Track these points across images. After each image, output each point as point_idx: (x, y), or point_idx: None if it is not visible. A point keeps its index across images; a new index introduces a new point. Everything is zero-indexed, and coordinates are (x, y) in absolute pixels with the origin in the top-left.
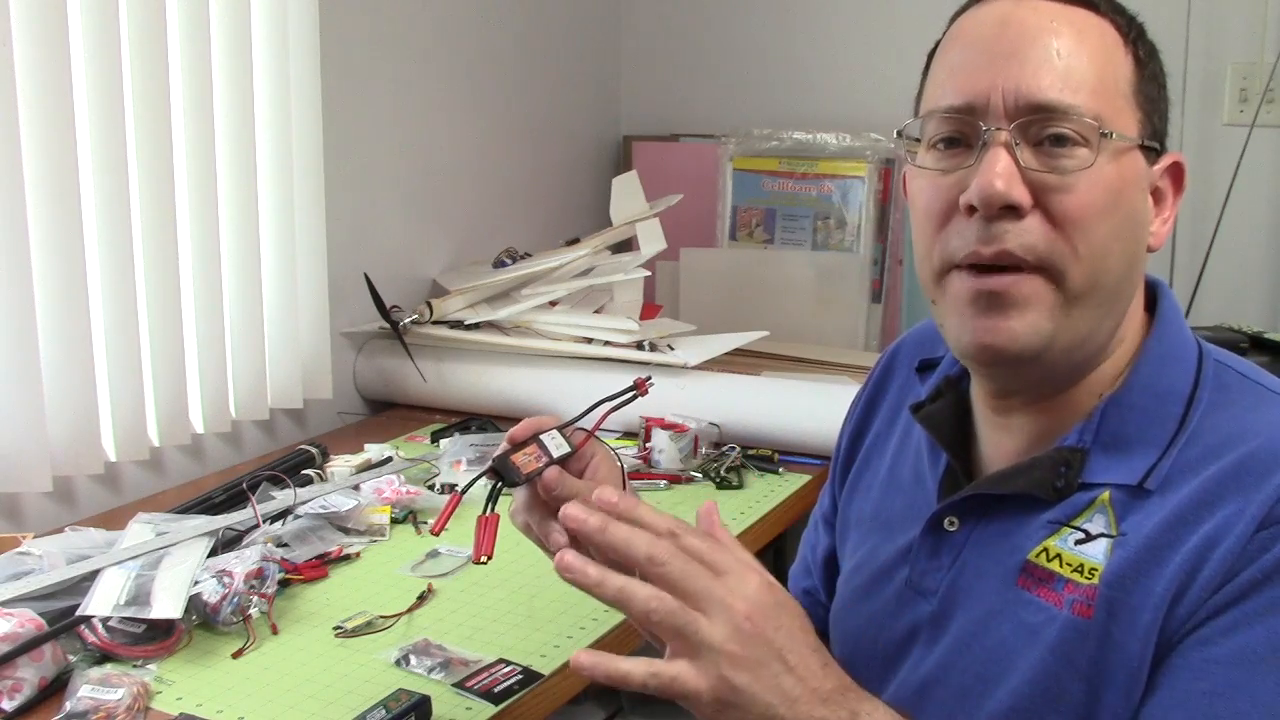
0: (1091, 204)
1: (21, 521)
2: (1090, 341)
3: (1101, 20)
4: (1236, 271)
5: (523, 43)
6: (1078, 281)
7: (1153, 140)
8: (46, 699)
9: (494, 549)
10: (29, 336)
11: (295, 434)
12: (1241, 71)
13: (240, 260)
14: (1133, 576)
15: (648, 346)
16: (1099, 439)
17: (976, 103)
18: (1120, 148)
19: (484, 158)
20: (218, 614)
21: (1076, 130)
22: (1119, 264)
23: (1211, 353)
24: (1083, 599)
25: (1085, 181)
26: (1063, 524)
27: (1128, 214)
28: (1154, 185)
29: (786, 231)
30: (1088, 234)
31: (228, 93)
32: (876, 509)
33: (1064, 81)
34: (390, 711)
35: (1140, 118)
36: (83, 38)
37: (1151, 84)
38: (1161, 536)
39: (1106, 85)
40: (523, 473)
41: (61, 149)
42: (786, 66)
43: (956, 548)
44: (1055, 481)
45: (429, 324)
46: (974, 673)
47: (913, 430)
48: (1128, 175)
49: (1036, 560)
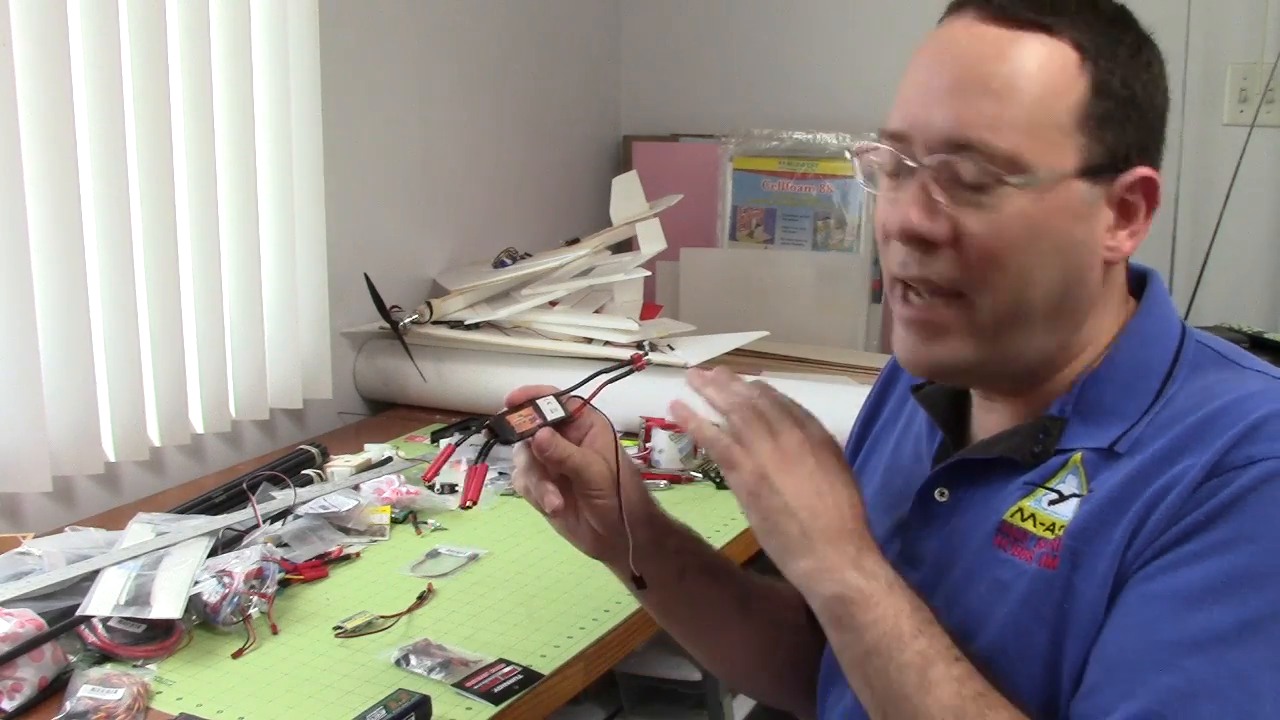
0: (1003, 240)
1: (21, 521)
2: (1029, 356)
3: (1053, 41)
4: (1236, 271)
5: (523, 43)
6: (992, 311)
7: (1105, 160)
8: (46, 699)
9: (479, 496)
10: (29, 336)
11: (295, 434)
12: (1241, 71)
13: (240, 260)
14: (1094, 528)
15: (648, 346)
16: (1077, 408)
17: (905, 132)
18: (1042, 182)
19: (484, 158)
20: (218, 614)
21: (989, 169)
22: (1046, 289)
23: (1193, 334)
24: (1049, 551)
25: (999, 219)
26: (1038, 485)
27: (1054, 244)
28: (1120, 199)
29: (786, 231)
30: (1001, 267)
31: (228, 93)
32: (880, 488)
33: (984, 119)
34: (390, 711)
35: (1084, 144)
36: (83, 38)
37: (1114, 99)
38: (1124, 490)
39: (1037, 120)
40: (517, 431)
41: (61, 149)
42: (786, 66)
43: (947, 517)
44: (1033, 446)
45: (429, 324)
46: (954, 631)
47: (917, 415)
48: (1055, 207)
49: (1011, 520)
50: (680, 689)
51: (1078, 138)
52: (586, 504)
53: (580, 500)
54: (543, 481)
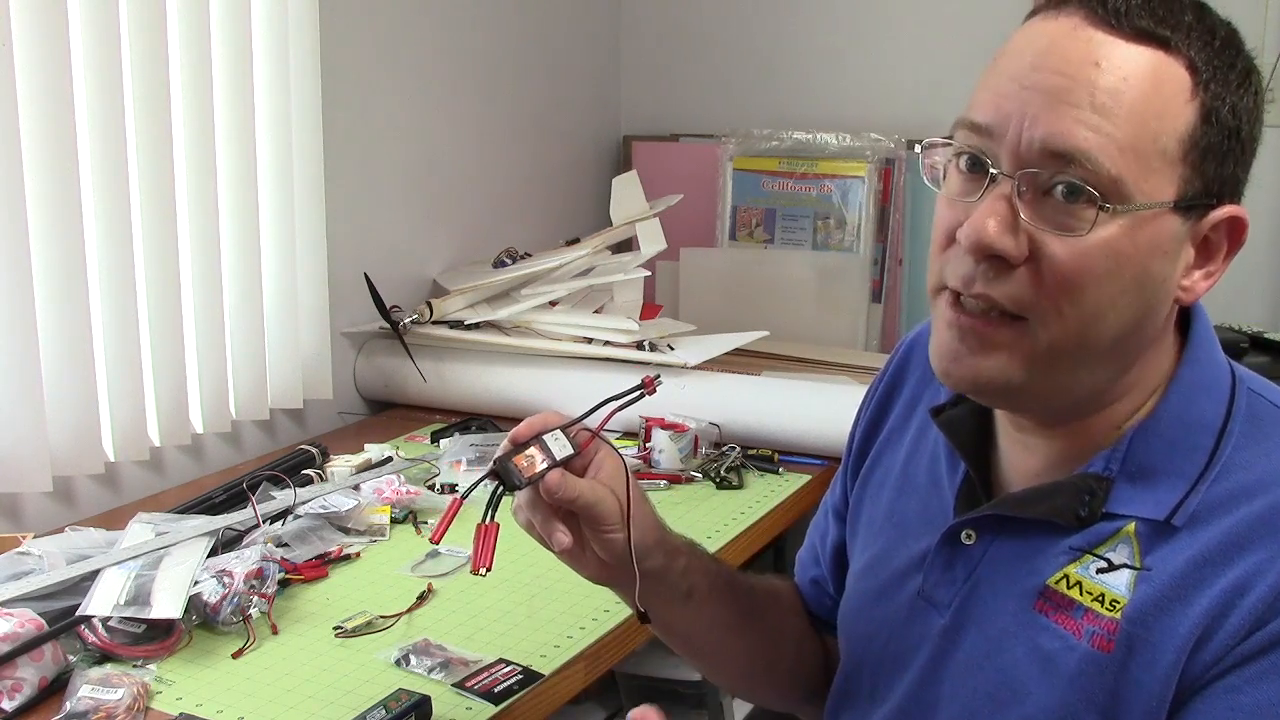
0: (1085, 270)
1: (21, 521)
2: (1078, 389)
3: (1169, 61)
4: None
5: (523, 43)
6: (1059, 340)
7: (1201, 195)
8: (46, 699)
9: (493, 560)
10: (29, 336)
11: (295, 434)
12: None
13: (240, 260)
14: (1155, 614)
15: (648, 346)
16: (1125, 468)
17: (996, 128)
18: (1140, 213)
19: (484, 158)
20: (218, 614)
21: (1087, 185)
22: (1116, 326)
23: (1245, 380)
24: (1103, 632)
25: (1084, 246)
26: (1085, 551)
27: (1135, 279)
28: (1203, 236)
29: (786, 231)
30: (1076, 298)
31: (228, 93)
32: (890, 508)
33: (1088, 132)
34: (390, 711)
35: (1185, 174)
36: (83, 38)
37: (1220, 131)
38: (1188, 576)
39: (1142, 143)
40: (524, 476)
41: (61, 149)
42: (786, 66)
43: (973, 562)
44: (1079, 509)
45: (429, 324)
46: (984, 692)
47: (929, 429)
48: (1143, 240)
49: (1056, 586)
50: (680, 689)
51: (1180, 168)
52: (595, 538)
53: (588, 533)
54: (550, 520)
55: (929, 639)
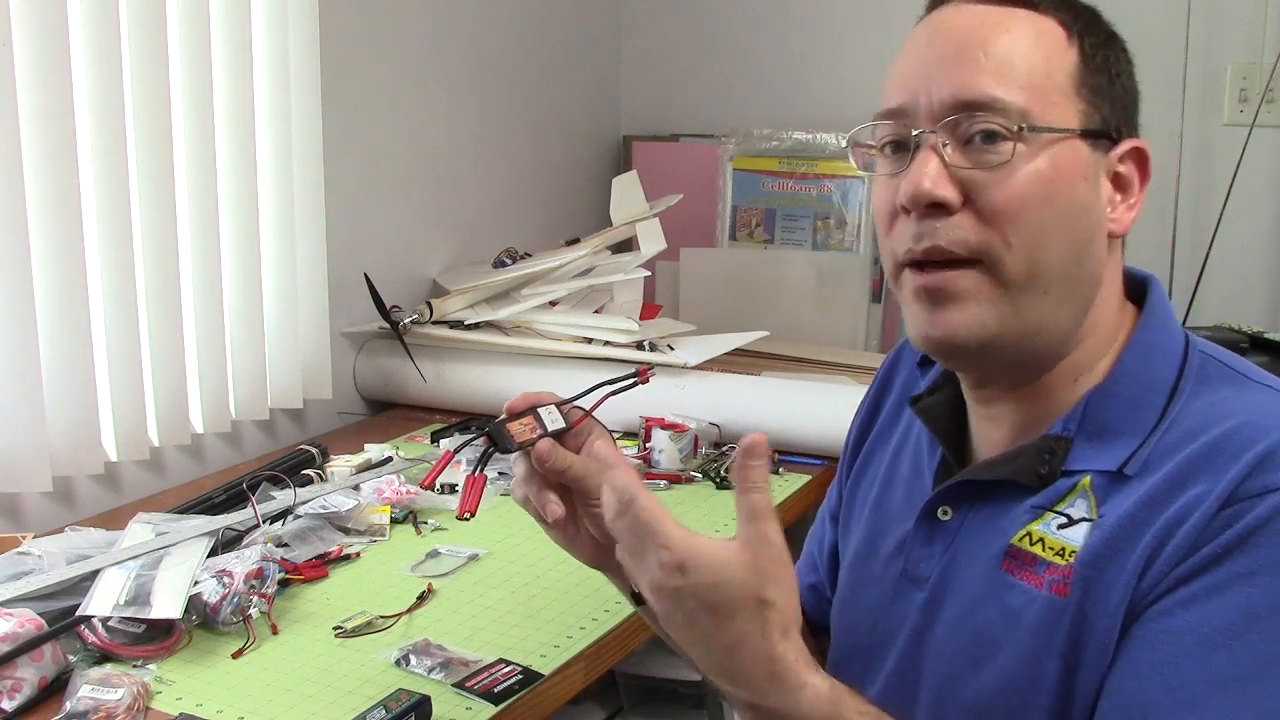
0: (1019, 195)
1: (21, 521)
2: (1047, 328)
3: (1041, 17)
4: (1236, 271)
5: (523, 43)
6: (1014, 271)
7: (1102, 128)
8: (46, 699)
9: (477, 507)
10: (29, 336)
11: (295, 434)
12: (1241, 71)
13: (240, 260)
14: (1107, 555)
15: (648, 346)
16: (1083, 428)
17: (907, 105)
18: (1053, 139)
19: (484, 158)
20: (218, 614)
21: (1001, 124)
22: (1061, 251)
23: (1197, 345)
24: (1060, 579)
25: (1012, 174)
26: (1046, 509)
27: (1067, 203)
28: (1114, 171)
29: (786, 231)
30: (1019, 224)
31: (228, 93)
32: (877, 502)
33: (988, 78)
34: (390, 711)
35: (1083, 109)
36: (83, 38)
37: (1101, 74)
38: (1135, 516)
39: (1037, 80)
40: (516, 441)
41: (61, 149)
42: (786, 66)
43: (950, 536)
44: (1039, 468)
45: (429, 324)
46: (965, 656)
47: (914, 424)
48: (1064, 165)
49: (1020, 544)
50: (680, 689)
51: (1076, 102)
52: (586, 513)
53: (580, 509)
54: (544, 491)
55: (911, 615)
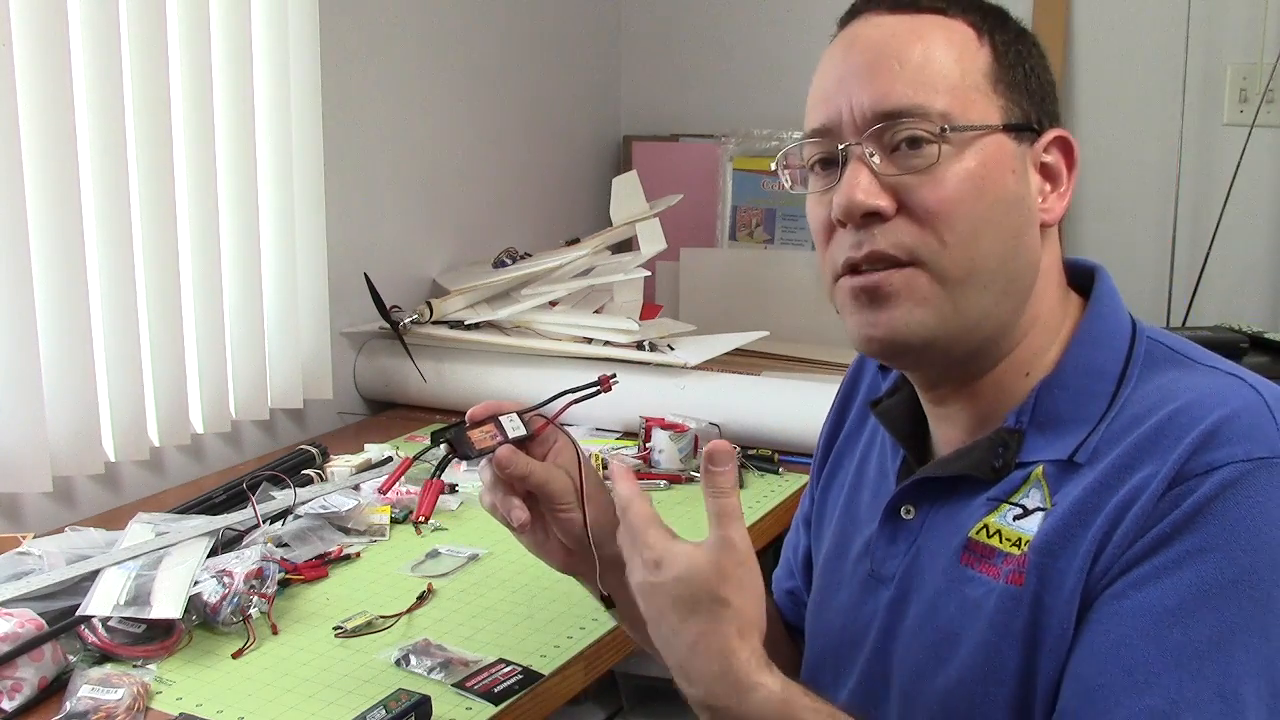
0: (950, 194)
1: (21, 521)
2: (988, 323)
3: (950, 21)
4: (1236, 271)
5: (522, 43)
6: (952, 269)
7: (1023, 121)
8: (46, 699)
9: (432, 511)
10: (29, 336)
11: (295, 434)
12: (1241, 71)
13: (240, 260)
14: (1060, 542)
15: (648, 346)
16: (1034, 419)
17: (830, 123)
18: (977, 136)
19: (484, 158)
20: (218, 614)
21: (924, 129)
22: (996, 245)
23: (1144, 331)
24: (1016, 568)
25: (941, 175)
26: (1001, 501)
27: (997, 197)
28: (1040, 162)
29: (786, 231)
30: (953, 223)
31: (228, 93)
32: (846, 505)
33: (905, 86)
34: (390, 711)
35: (1003, 104)
36: (83, 38)
37: (1015, 69)
38: (1086, 502)
39: (952, 81)
40: (476, 448)
41: (61, 149)
42: (787, 66)
43: (913, 534)
44: (993, 461)
45: (429, 324)
46: (929, 651)
47: (879, 431)
48: (990, 161)
49: (977, 537)
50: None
51: (995, 98)
52: (553, 519)
53: (548, 515)
54: (508, 497)
55: (879, 614)
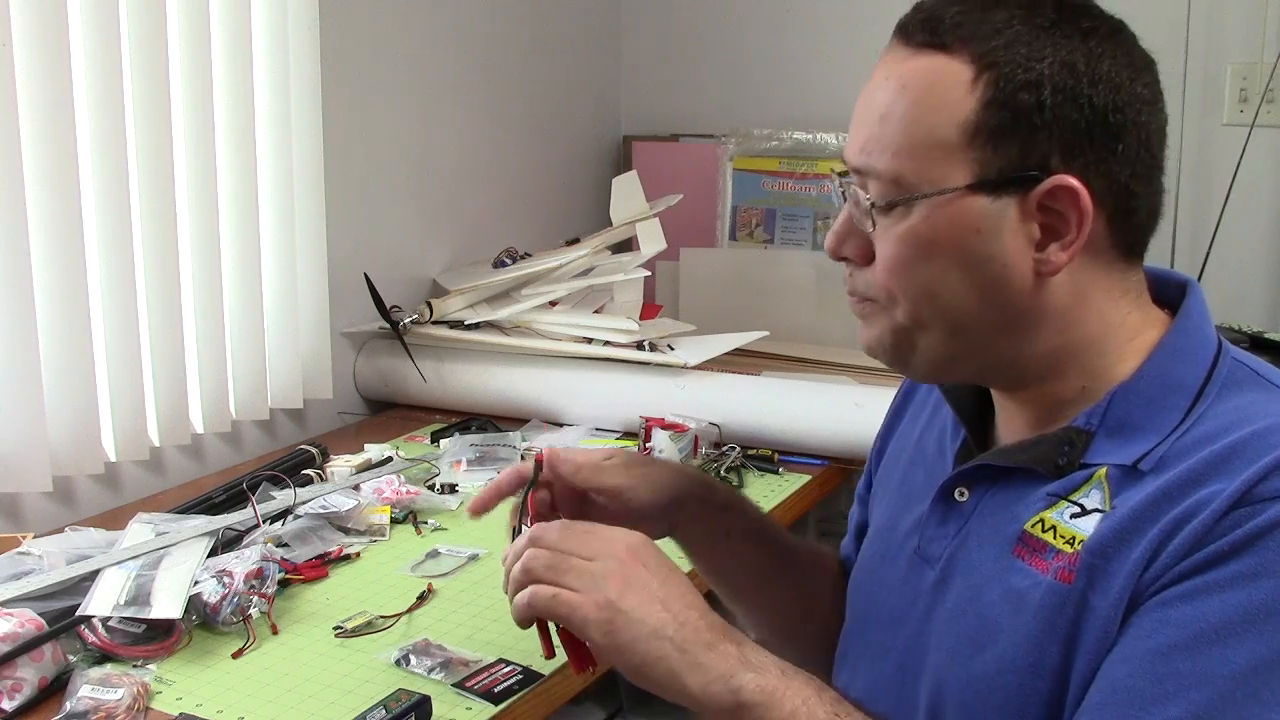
0: (897, 258)
1: (21, 521)
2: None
3: (947, 62)
4: (1236, 271)
5: (523, 43)
6: (905, 319)
7: (1006, 174)
8: (46, 699)
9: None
10: (29, 336)
11: (295, 434)
12: (1241, 72)
13: (240, 260)
14: (1114, 545)
15: (648, 346)
16: (1105, 423)
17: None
18: (935, 200)
19: (484, 158)
20: (218, 614)
21: (874, 192)
22: (958, 302)
23: (1230, 351)
24: (1066, 565)
25: (892, 237)
26: (1061, 497)
27: (954, 258)
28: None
29: (786, 231)
30: (900, 283)
31: (228, 94)
32: (901, 479)
33: (870, 145)
34: (390, 711)
35: (978, 157)
36: (83, 38)
37: (1018, 111)
38: (1145, 509)
39: (916, 139)
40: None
41: (61, 149)
42: (786, 66)
43: (964, 517)
44: (1058, 458)
45: (429, 324)
46: (965, 637)
47: (942, 406)
48: (943, 223)
49: (1032, 530)
50: None
51: (969, 152)
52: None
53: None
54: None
55: (923, 593)
